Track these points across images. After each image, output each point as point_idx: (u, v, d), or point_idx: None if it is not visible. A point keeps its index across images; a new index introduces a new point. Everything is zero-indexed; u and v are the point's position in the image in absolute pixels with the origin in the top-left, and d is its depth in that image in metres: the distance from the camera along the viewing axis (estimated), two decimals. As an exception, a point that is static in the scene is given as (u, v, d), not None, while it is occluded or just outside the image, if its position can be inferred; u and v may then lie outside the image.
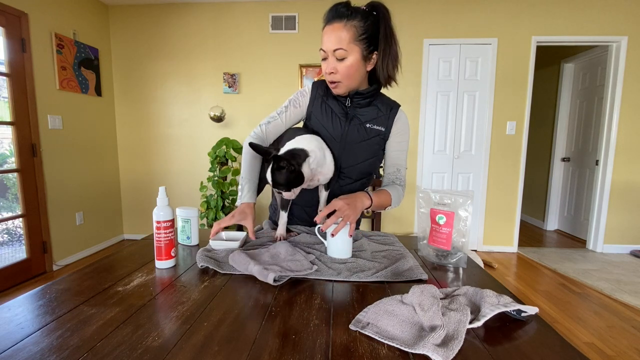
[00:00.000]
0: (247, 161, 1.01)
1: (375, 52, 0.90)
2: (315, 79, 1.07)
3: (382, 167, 1.10)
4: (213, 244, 0.87)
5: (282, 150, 0.84)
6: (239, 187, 1.00)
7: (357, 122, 0.99)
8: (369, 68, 0.93)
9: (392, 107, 1.01)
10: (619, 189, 3.17)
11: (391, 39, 0.90)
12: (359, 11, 0.86)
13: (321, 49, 0.90)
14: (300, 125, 1.09)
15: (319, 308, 0.59)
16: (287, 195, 0.85)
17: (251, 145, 0.84)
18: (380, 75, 0.94)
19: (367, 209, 0.92)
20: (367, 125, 0.99)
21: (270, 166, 0.81)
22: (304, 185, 0.88)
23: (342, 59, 0.87)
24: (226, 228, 0.98)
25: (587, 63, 3.66)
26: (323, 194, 0.98)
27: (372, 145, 1.00)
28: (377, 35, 0.88)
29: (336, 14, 0.86)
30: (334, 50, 0.87)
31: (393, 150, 1.04)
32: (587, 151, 3.64)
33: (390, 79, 0.95)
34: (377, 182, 2.32)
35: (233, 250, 0.83)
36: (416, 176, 3.31)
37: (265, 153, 0.83)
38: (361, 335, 0.50)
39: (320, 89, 1.03)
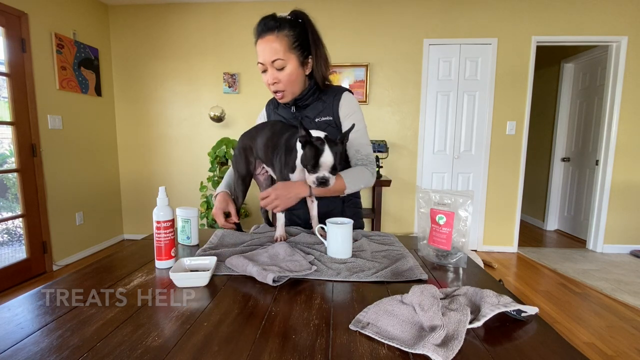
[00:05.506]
0: (227, 177, 1.13)
1: (310, 57, 0.97)
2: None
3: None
4: (174, 277, 0.67)
5: (320, 134, 0.84)
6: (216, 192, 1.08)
7: (308, 120, 1.03)
8: (307, 72, 0.99)
9: (336, 94, 1.02)
10: (619, 189, 3.17)
11: (319, 42, 0.97)
12: (286, 21, 0.92)
13: (259, 62, 0.94)
14: None
15: (319, 308, 0.59)
16: (324, 177, 0.82)
17: (304, 127, 0.80)
18: (317, 76, 0.99)
19: (309, 196, 0.93)
20: (317, 120, 1.02)
21: (328, 147, 0.80)
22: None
23: (281, 69, 0.93)
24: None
25: (587, 63, 3.66)
26: (314, 204, 0.98)
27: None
28: (308, 41, 0.94)
29: (266, 27, 0.91)
30: (273, 61, 0.92)
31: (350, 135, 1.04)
32: (587, 151, 3.64)
33: (324, 79, 1.02)
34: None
35: (198, 286, 0.67)
36: (416, 176, 3.31)
37: (308, 134, 0.81)
38: (361, 335, 0.50)
39: (272, 104, 1.13)
